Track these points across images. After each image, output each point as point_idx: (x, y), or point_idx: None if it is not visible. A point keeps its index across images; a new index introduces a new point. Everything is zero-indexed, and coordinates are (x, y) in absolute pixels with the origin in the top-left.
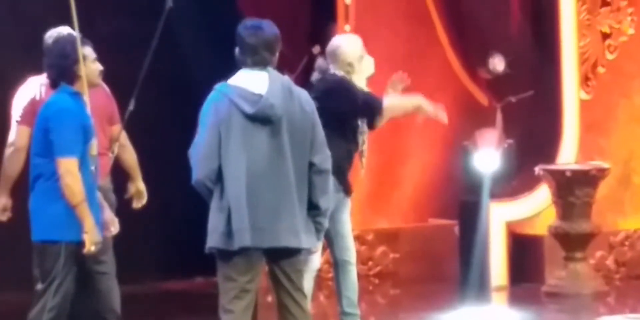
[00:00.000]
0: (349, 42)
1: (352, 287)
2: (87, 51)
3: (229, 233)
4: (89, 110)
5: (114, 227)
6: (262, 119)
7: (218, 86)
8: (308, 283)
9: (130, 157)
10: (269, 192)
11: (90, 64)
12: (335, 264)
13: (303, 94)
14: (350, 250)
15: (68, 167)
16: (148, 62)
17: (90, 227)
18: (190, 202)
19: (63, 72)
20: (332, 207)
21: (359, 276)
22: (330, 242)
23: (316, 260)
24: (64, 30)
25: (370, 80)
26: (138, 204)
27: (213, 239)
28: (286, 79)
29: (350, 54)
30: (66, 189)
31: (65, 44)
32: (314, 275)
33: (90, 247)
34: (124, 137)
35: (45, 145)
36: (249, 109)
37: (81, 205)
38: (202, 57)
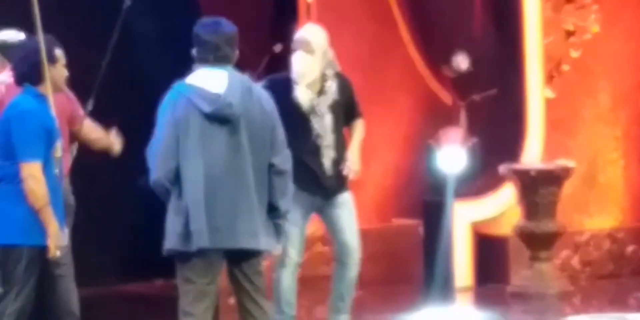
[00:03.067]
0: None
1: (349, 284)
2: (59, 54)
3: (186, 234)
4: (54, 112)
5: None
6: (220, 118)
7: (176, 85)
8: (288, 278)
9: (104, 143)
10: (228, 193)
11: (60, 67)
12: (336, 260)
13: (263, 94)
14: (350, 247)
15: (31, 171)
16: (106, 62)
17: (54, 231)
18: (149, 203)
19: (31, 67)
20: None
21: (322, 277)
22: (332, 236)
23: (291, 254)
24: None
25: None
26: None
27: (171, 241)
28: (246, 78)
29: None
30: (29, 193)
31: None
32: (293, 270)
33: (54, 252)
34: (92, 131)
35: (6, 147)
36: (207, 108)
37: (45, 209)
38: (160, 56)
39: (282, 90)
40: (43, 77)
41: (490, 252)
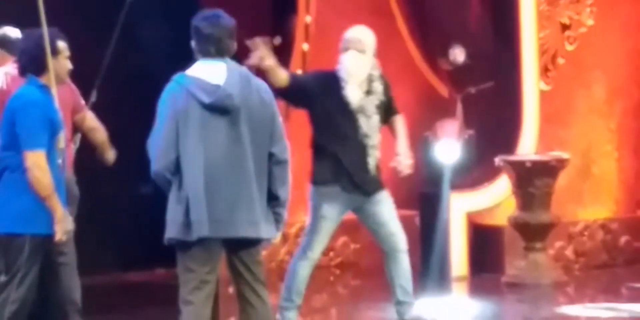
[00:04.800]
0: None
1: (405, 275)
2: (62, 46)
3: (187, 224)
4: (57, 103)
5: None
6: (220, 109)
7: (176, 77)
8: (305, 271)
9: (102, 136)
10: (228, 183)
11: (62, 59)
12: (385, 254)
13: (262, 85)
14: (397, 237)
15: (35, 160)
16: (110, 54)
17: (61, 217)
18: (150, 193)
19: (34, 58)
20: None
21: (320, 267)
22: (374, 233)
23: (316, 249)
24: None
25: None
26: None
27: (172, 230)
28: (244, 70)
29: None
30: (35, 182)
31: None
32: (313, 264)
33: (62, 237)
34: (93, 121)
35: (11, 138)
36: (206, 99)
37: (51, 197)
38: (160, 48)
39: (331, 87)
40: (45, 69)
41: (485, 242)
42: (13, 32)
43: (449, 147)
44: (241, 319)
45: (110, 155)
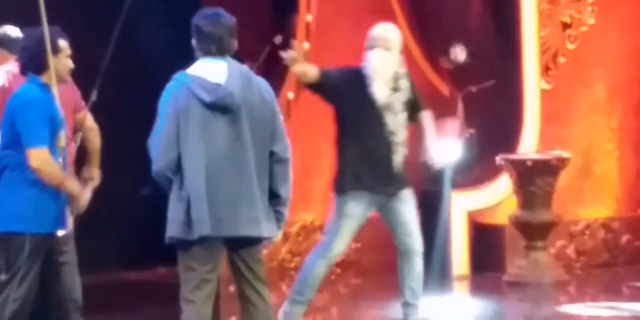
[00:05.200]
0: None
1: (417, 277)
2: (64, 45)
3: (188, 223)
4: (58, 102)
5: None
6: (221, 107)
7: (177, 76)
8: (322, 269)
9: (96, 140)
10: (229, 181)
11: (63, 58)
12: (400, 254)
13: (263, 83)
14: (415, 239)
15: (39, 157)
16: (110, 53)
17: (79, 194)
18: (151, 191)
19: (35, 56)
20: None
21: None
22: (393, 232)
23: (337, 248)
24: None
25: None
26: (89, 188)
27: (173, 229)
28: (245, 68)
29: None
30: (45, 177)
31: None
32: (331, 263)
33: (83, 207)
34: (90, 120)
35: (12, 137)
36: (207, 98)
37: (64, 183)
38: (161, 47)
39: (358, 84)
40: (45, 67)
41: (486, 241)
42: (13, 31)
43: (449, 146)
44: (242, 318)
45: (96, 171)
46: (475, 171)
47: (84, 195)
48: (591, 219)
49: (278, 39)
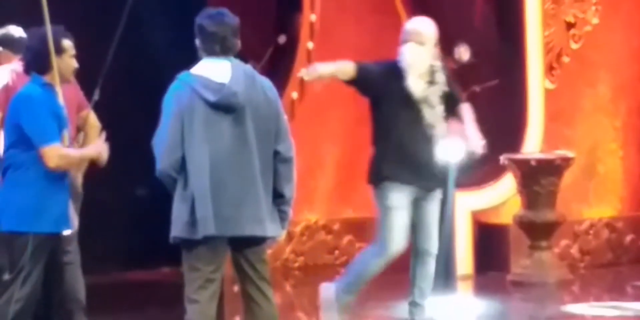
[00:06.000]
0: None
1: (428, 278)
2: (68, 45)
3: (193, 222)
4: (61, 101)
5: (74, 225)
6: (225, 107)
7: (180, 76)
8: (378, 268)
9: (97, 137)
10: (233, 181)
11: (67, 58)
12: (415, 254)
13: (266, 83)
14: (433, 240)
15: (56, 154)
16: (112, 51)
17: (96, 153)
18: (155, 191)
19: (38, 56)
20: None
21: (325, 266)
22: (413, 230)
23: (393, 246)
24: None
25: None
26: (98, 142)
27: (177, 229)
28: (249, 68)
29: None
30: (67, 168)
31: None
32: (389, 262)
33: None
34: (94, 119)
35: (16, 136)
36: (212, 98)
37: (83, 159)
38: (165, 46)
39: (394, 77)
40: (49, 67)
41: (490, 241)
42: (16, 31)
43: (453, 146)
44: (246, 318)
45: (104, 156)
46: (479, 171)
47: (101, 151)
48: (595, 219)
49: (282, 39)
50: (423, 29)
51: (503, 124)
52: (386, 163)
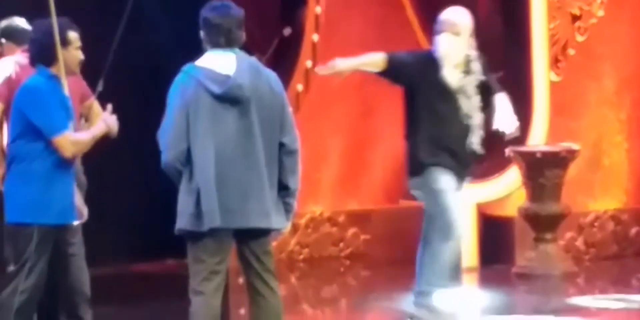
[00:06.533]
0: None
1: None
2: (74, 37)
3: (198, 214)
4: (67, 92)
5: (83, 215)
6: (230, 99)
7: (185, 68)
8: (452, 251)
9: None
10: (239, 173)
11: (73, 50)
12: (423, 243)
13: (272, 75)
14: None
15: (68, 142)
16: (116, 43)
17: (106, 128)
18: (160, 184)
19: (44, 48)
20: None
21: (330, 258)
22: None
23: (457, 224)
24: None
25: None
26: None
27: (182, 221)
28: (254, 60)
29: None
30: (84, 150)
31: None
32: (457, 242)
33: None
34: (98, 107)
35: (22, 127)
36: (217, 90)
37: (94, 139)
38: (170, 38)
39: (430, 67)
40: (55, 59)
41: (495, 233)
42: (19, 22)
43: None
44: (251, 310)
45: (114, 129)
46: (485, 163)
47: (109, 125)
48: (600, 211)
49: (287, 31)
50: (458, 19)
51: None
52: (427, 152)
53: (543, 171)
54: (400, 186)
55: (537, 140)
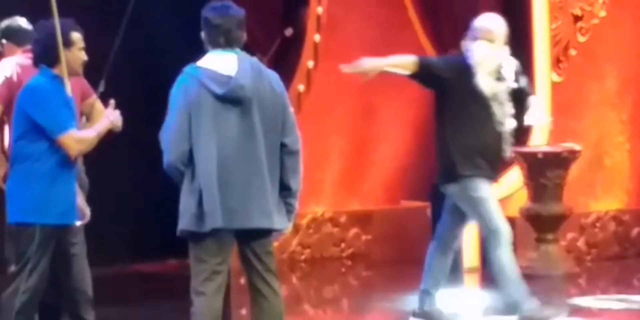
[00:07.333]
0: None
1: (445, 269)
2: (77, 38)
3: (200, 215)
4: (69, 92)
5: (85, 216)
6: (232, 99)
7: (187, 68)
8: (508, 255)
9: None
10: (240, 174)
11: (76, 51)
12: (436, 243)
13: (273, 76)
14: (460, 238)
15: (73, 140)
16: (118, 44)
17: (110, 124)
18: (162, 184)
19: (47, 49)
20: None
21: (332, 258)
22: (447, 220)
23: (504, 227)
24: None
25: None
26: (108, 113)
27: (184, 222)
28: (255, 61)
29: None
30: (90, 148)
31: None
32: (510, 244)
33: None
34: (100, 105)
35: (24, 128)
36: (218, 90)
37: (98, 135)
38: (171, 39)
39: (463, 73)
40: (57, 60)
41: None
42: (19, 22)
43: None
44: (253, 310)
45: (118, 124)
46: None
47: (112, 120)
48: (602, 212)
49: (289, 31)
50: (493, 26)
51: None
52: (463, 159)
53: (544, 172)
54: (401, 186)
55: (539, 140)
